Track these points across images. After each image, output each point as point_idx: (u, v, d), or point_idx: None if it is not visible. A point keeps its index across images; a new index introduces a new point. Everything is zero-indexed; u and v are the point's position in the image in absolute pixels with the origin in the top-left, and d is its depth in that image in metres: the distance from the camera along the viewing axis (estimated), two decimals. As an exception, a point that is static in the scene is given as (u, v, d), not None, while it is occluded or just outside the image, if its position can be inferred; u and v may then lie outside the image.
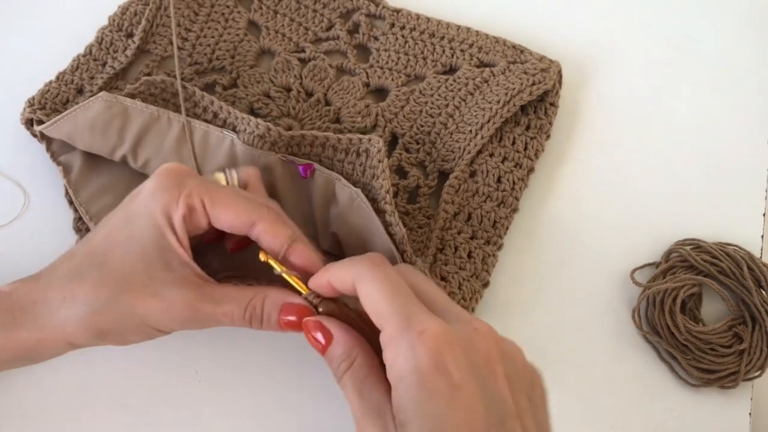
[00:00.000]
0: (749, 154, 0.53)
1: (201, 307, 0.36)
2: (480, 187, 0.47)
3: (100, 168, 0.47)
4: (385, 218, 0.40)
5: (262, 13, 0.55)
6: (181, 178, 0.37)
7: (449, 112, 0.50)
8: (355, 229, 0.40)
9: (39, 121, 0.47)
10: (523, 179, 0.48)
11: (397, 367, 0.30)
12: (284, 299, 0.36)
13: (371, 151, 0.41)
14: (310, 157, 0.43)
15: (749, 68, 0.57)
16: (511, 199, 0.47)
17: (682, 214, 0.50)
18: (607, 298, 0.47)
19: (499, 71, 0.51)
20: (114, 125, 0.44)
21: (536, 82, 0.50)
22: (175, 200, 0.36)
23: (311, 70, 0.52)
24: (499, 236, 0.46)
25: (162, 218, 0.36)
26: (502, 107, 0.48)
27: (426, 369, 0.29)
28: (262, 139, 0.42)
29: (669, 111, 0.54)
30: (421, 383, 0.29)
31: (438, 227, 0.45)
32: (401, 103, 0.51)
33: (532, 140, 0.50)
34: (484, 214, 0.46)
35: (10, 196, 0.48)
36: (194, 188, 0.36)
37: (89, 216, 0.45)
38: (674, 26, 0.59)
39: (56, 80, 0.50)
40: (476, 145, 0.48)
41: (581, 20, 0.59)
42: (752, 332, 0.43)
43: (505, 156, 0.48)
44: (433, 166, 0.49)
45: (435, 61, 0.53)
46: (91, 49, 0.51)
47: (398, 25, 0.54)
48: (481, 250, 0.45)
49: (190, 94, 0.45)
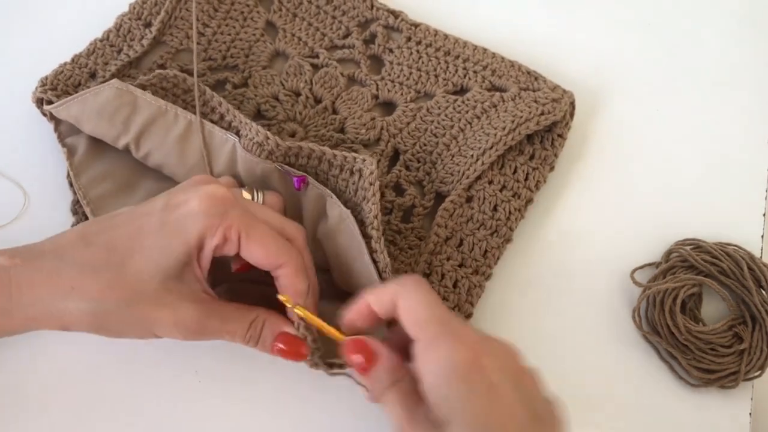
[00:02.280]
0: (749, 154, 0.53)
1: (208, 323, 0.37)
2: (475, 214, 0.47)
3: (103, 154, 0.48)
4: (371, 244, 0.40)
5: (281, 14, 0.55)
6: (226, 208, 0.36)
7: (454, 133, 0.50)
8: (340, 249, 0.40)
9: (49, 101, 0.48)
10: (519, 210, 0.48)
11: (440, 365, 0.32)
12: (281, 328, 0.38)
13: (364, 171, 0.41)
14: (306, 170, 0.43)
15: (749, 68, 0.56)
16: (505, 228, 0.47)
17: (682, 214, 0.50)
18: (607, 298, 0.47)
19: (510, 97, 0.51)
20: (121, 114, 0.45)
21: (545, 112, 0.49)
22: (214, 229, 0.36)
23: (322, 76, 0.52)
24: (489, 266, 0.46)
25: (195, 242, 0.36)
26: (507, 134, 0.48)
27: (467, 365, 0.32)
28: (260, 147, 0.42)
29: (669, 111, 0.54)
30: (463, 378, 0.32)
31: (427, 251, 0.45)
32: (407, 119, 0.51)
33: (534, 171, 0.49)
34: (476, 242, 0.46)
35: (10, 196, 0.48)
36: (235, 222, 0.36)
37: (87, 200, 0.46)
38: (674, 26, 0.58)
39: (71, 62, 0.50)
40: (476, 171, 0.47)
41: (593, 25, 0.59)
42: (752, 332, 0.43)
43: (504, 184, 0.48)
44: (431, 187, 0.48)
45: (446, 79, 0.52)
46: (108, 35, 0.52)
47: (414, 40, 0.54)
48: (468, 280, 0.44)
49: (201, 92, 0.46)
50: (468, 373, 0.32)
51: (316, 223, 0.42)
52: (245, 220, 0.37)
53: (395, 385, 0.34)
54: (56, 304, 0.35)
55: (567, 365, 0.44)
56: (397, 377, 0.34)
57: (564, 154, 0.51)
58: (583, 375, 0.44)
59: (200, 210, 0.36)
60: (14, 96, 0.50)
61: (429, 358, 0.33)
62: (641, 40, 0.58)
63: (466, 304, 0.44)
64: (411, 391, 0.34)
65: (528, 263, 0.47)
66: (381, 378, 0.35)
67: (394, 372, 0.35)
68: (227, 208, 0.36)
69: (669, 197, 0.51)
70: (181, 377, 0.43)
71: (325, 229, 0.41)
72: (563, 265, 0.47)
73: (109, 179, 0.47)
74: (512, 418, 0.31)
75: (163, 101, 0.45)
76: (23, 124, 0.50)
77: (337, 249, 0.41)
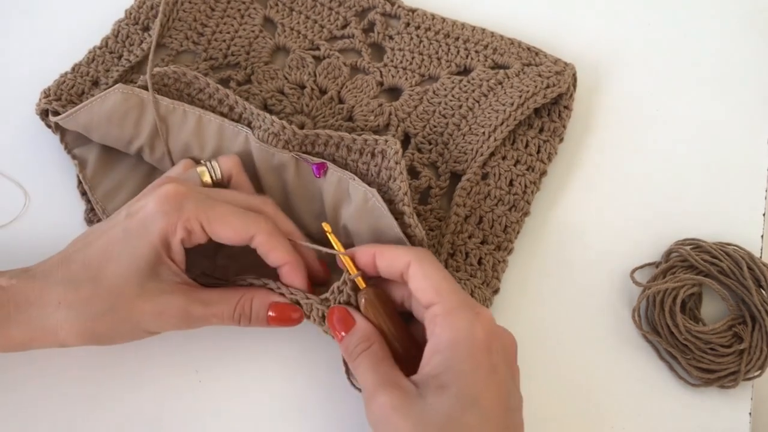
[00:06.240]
0: (749, 154, 0.53)
1: (192, 309, 0.39)
2: (492, 190, 0.47)
3: (114, 164, 0.48)
4: (404, 220, 0.40)
5: (278, 9, 0.55)
6: (180, 203, 0.38)
7: (462, 113, 0.50)
8: (368, 229, 0.40)
9: (54, 112, 0.47)
10: (535, 182, 0.48)
11: (453, 336, 0.35)
12: (271, 299, 0.40)
13: (388, 152, 0.41)
14: (323, 156, 0.43)
15: (749, 68, 0.56)
16: (522, 202, 0.47)
17: (682, 214, 0.50)
18: (607, 298, 0.47)
19: (514, 73, 0.51)
20: (131, 117, 0.45)
21: (550, 84, 0.49)
22: (174, 225, 0.38)
23: (325, 67, 0.52)
24: (510, 241, 0.46)
25: (159, 242, 0.38)
26: (516, 110, 0.48)
27: (479, 344, 0.34)
28: (276, 137, 0.42)
29: (669, 111, 0.54)
30: (472, 354, 0.34)
31: (449, 231, 0.45)
32: (414, 102, 0.51)
33: (545, 143, 0.49)
34: (496, 218, 0.46)
35: (10, 196, 0.48)
36: (192, 212, 0.38)
37: (106, 214, 0.46)
38: (674, 27, 0.58)
39: (72, 71, 0.50)
40: (489, 148, 0.47)
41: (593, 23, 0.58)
42: (752, 332, 0.43)
43: (518, 159, 0.48)
44: (445, 167, 0.49)
45: (449, 61, 0.52)
46: (107, 42, 0.52)
47: (413, 25, 0.54)
48: (492, 257, 0.45)
49: (203, 85, 0.46)
50: (479, 351, 0.34)
51: (339, 209, 0.42)
52: (201, 208, 0.38)
53: (367, 350, 0.37)
54: (49, 320, 0.37)
55: (567, 364, 0.44)
56: (369, 344, 0.37)
57: (563, 154, 0.51)
58: (582, 374, 0.44)
59: (157, 210, 0.38)
60: (14, 96, 0.50)
61: (445, 324, 0.35)
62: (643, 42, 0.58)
63: (493, 280, 0.44)
64: (381, 357, 0.36)
65: (528, 263, 0.47)
66: (352, 342, 0.37)
67: (366, 339, 0.37)
68: (181, 203, 0.38)
69: (669, 197, 0.51)
70: (181, 377, 0.43)
71: (349, 211, 0.41)
72: (563, 264, 0.48)
73: (123, 189, 0.47)
74: (500, 403, 0.34)
75: (169, 99, 0.45)
76: (23, 124, 0.50)
77: (366, 229, 0.41)
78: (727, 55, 0.57)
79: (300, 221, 0.45)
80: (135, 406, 0.42)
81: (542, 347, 0.44)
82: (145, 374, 0.43)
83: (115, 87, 0.45)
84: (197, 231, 0.38)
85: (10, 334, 0.38)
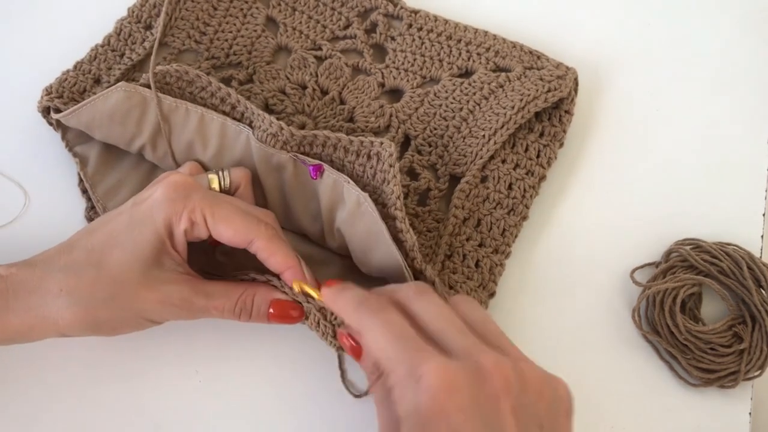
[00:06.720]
0: (749, 154, 0.53)
1: (195, 300, 0.39)
2: (491, 193, 0.47)
3: (115, 162, 0.48)
4: (396, 224, 0.40)
5: (280, 9, 0.55)
6: (188, 192, 0.39)
7: (463, 115, 0.50)
8: (359, 233, 0.40)
9: (56, 109, 0.47)
10: (534, 187, 0.48)
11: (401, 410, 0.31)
12: (273, 296, 0.40)
13: (382, 155, 0.41)
14: (321, 157, 0.43)
15: (749, 68, 0.56)
16: (521, 207, 0.47)
17: (682, 214, 0.50)
18: (607, 298, 0.47)
19: (515, 76, 0.51)
20: (133, 115, 0.45)
21: (552, 89, 0.49)
22: (179, 214, 0.38)
23: (327, 68, 0.52)
24: (507, 244, 0.46)
25: (164, 229, 0.38)
26: (516, 113, 0.48)
27: (426, 413, 0.30)
28: (274, 138, 0.42)
29: (669, 111, 0.54)
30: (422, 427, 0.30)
31: (447, 233, 0.45)
32: (415, 104, 0.51)
33: (545, 148, 0.49)
34: (494, 221, 0.46)
35: (10, 196, 0.48)
36: (198, 203, 0.38)
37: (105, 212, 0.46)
38: (674, 27, 0.58)
39: (74, 69, 0.50)
40: (489, 151, 0.47)
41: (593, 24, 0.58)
42: (752, 332, 0.43)
43: (518, 163, 0.48)
44: (445, 170, 0.49)
45: (451, 63, 0.52)
46: (109, 40, 0.52)
47: (416, 26, 0.54)
48: (489, 260, 0.45)
49: (205, 83, 0.46)
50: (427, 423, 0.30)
51: (334, 212, 0.42)
52: (208, 201, 0.39)
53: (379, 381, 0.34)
54: (49, 308, 0.37)
55: (566, 364, 0.43)
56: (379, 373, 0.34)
57: (563, 152, 0.51)
58: (582, 374, 0.44)
59: (162, 198, 0.38)
60: (15, 96, 0.50)
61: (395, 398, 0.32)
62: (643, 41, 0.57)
63: (489, 283, 0.44)
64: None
65: (527, 264, 0.47)
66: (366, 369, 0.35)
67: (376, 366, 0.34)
68: (189, 192, 0.39)
69: (669, 197, 0.50)
70: (181, 377, 0.43)
71: (343, 215, 0.41)
72: (563, 265, 0.47)
73: (124, 187, 0.47)
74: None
75: (171, 98, 0.45)
76: (24, 124, 0.50)
77: (358, 233, 0.41)
78: (726, 55, 0.57)
79: (298, 222, 0.45)
80: (135, 406, 0.42)
81: (542, 347, 0.44)
82: (145, 374, 0.43)
83: (118, 85, 0.45)
84: (200, 223, 0.38)
85: (8, 323, 0.37)
